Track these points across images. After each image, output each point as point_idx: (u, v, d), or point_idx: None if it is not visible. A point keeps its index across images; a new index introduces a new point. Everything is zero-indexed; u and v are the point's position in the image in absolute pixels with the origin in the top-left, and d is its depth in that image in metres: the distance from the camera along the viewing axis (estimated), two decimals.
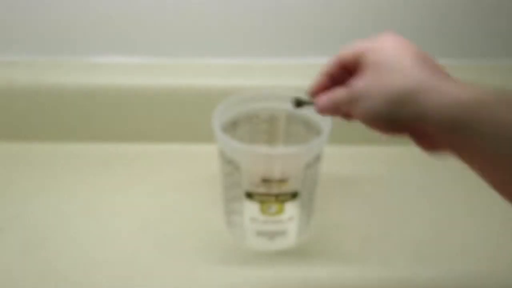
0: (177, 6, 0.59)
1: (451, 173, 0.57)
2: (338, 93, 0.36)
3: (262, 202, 0.45)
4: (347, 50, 0.36)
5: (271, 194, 0.44)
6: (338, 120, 0.45)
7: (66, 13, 0.59)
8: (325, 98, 0.37)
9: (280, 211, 0.45)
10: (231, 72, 0.61)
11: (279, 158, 0.43)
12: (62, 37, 0.61)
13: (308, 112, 0.46)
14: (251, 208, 0.46)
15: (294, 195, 0.45)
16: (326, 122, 0.44)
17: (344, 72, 0.37)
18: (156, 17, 0.60)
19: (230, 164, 0.44)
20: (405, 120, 0.31)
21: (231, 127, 0.48)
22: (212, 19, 0.60)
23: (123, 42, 0.62)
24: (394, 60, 0.32)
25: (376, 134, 0.34)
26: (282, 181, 0.44)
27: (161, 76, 0.61)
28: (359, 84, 0.33)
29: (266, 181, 0.43)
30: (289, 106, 0.44)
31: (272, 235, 0.47)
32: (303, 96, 0.41)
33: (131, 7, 0.59)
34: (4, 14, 0.59)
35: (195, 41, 0.62)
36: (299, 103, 0.41)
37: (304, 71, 0.62)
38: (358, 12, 0.60)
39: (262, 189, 0.44)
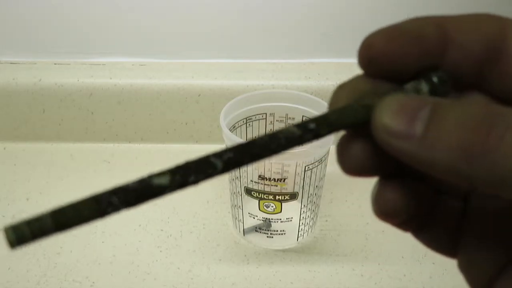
0: (177, 7, 0.59)
1: None
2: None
3: (260, 199, 0.45)
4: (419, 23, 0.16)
5: (269, 192, 0.44)
6: None
7: (66, 14, 0.59)
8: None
9: (279, 210, 0.46)
10: (231, 72, 0.61)
11: (274, 157, 0.43)
12: (62, 37, 0.61)
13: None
14: (250, 204, 0.46)
15: (293, 196, 0.45)
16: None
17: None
18: (156, 17, 0.60)
19: None
20: None
21: (244, 123, 0.48)
22: (212, 19, 0.60)
23: (123, 42, 0.62)
24: None
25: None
26: (279, 180, 0.44)
27: (161, 76, 0.61)
28: None
29: (262, 178, 0.44)
30: (304, 107, 0.43)
31: (270, 234, 0.47)
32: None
33: (131, 8, 0.59)
34: (5, 15, 0.59)
35: (195, 41, 0.62)
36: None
37: (304, 71, 0.62)
38: (358, 12, 0.60)
39: (259, 186, 0.44)
